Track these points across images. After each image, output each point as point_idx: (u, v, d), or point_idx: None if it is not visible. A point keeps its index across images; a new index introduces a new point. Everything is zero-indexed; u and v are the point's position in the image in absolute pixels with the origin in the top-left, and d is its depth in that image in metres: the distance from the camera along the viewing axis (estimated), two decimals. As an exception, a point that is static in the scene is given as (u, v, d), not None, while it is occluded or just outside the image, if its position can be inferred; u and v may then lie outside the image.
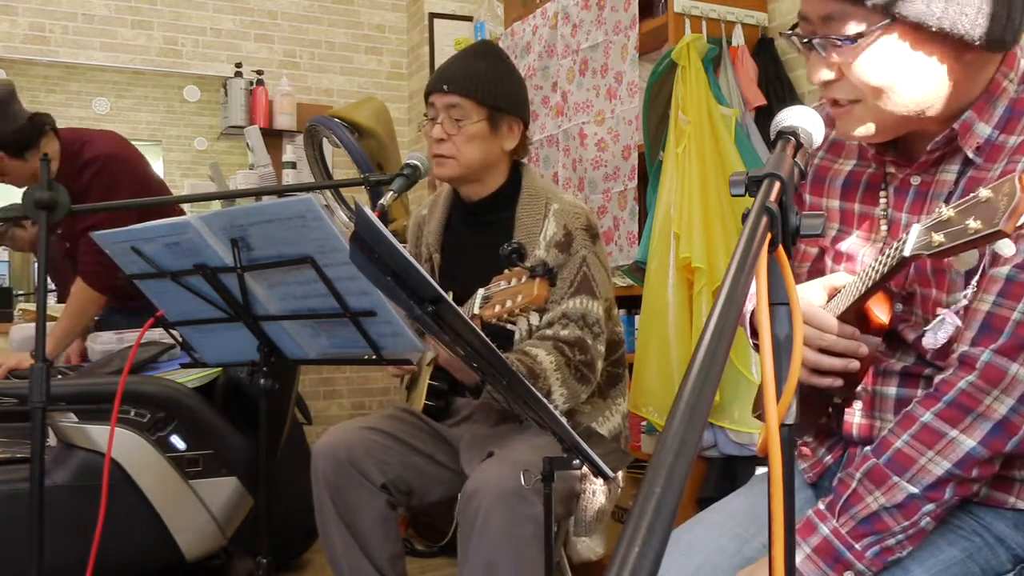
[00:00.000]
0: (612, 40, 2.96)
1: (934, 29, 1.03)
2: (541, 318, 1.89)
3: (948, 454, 1.04)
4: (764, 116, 2.69)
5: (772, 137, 0.95)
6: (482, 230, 2.06)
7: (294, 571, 3.12)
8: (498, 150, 2.01)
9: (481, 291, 1.64)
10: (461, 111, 1.96)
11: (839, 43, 1.07)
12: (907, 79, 1.07)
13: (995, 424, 1.03)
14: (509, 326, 1.60)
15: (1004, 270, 1.04)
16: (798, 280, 1.34)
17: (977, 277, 1.06)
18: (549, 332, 1.89)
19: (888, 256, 0.98)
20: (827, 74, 1.11)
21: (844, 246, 1.24)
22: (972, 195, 0.85)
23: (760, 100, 2.69)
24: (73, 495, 2.42)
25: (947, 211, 0.87)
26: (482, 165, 2.00)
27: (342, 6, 4.58)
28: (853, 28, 1.06)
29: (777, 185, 0.78)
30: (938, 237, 0.87)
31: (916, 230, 0.92)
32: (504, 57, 2.10)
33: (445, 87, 1.96)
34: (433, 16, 4.49)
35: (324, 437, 1.96)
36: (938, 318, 1.07)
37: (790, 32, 1.14)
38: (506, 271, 1.60)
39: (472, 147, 1.97)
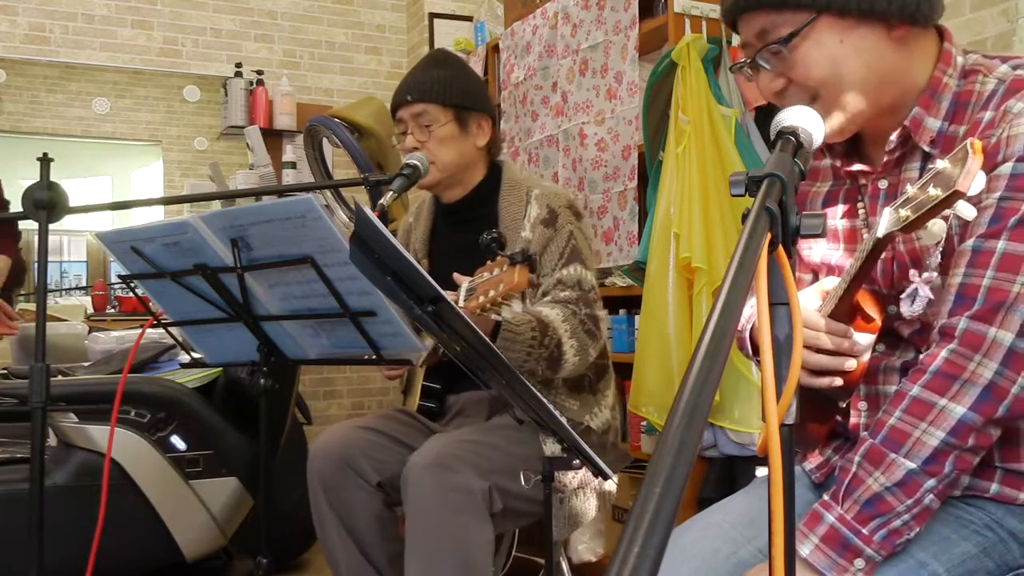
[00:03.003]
0: (612, 40, 2.96)
1: (856, 13, 1.12)
2: (524, 305, 1.90)
3: (941, 423, 1.05)
4: (764, 116, 2.69)
5: (772, 137, 0.95)
6: (466, 228, 2.07)
7: (294, 571, 3.12)
8: (472, 148, 2.04)
9: (465, 284, 1.65)
10: (429, 117, 1.99)
11: (776, 48, 1.15)
12: (846, 64, 1.14)
13: (983, 389, 1.05)
14: (494, 316, 1.61)
15: (970, 242, 1.09)
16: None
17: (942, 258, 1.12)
18: (547, 299, 1.91)
19: (866, 243, 1.02)
20: (777, 83, 1.19)
21: (835, 260, 1.29)
22: (931, 168, 0.92)
23: (760, 100, 2.69)
24: (73, 495, 2.42)
25: (912, 189, 0.94)
26: (459, 166, 2.03)
27: (342, 6, 4.58)
28: (784, 31, 1.14)
29: (777, 185, 0.78)
30: (904, 212, 0.94)
31: (886, 213, 0.98)
32: (459, 61, 2.15)
33: (409, 97, 2.00)
34: (433, 16, 4.50)
35: (319, 438, 1.97)
36: (911, 287, 1.12)
37: (739, 65, 1.23)
38: (488, 262, 1.61)
39: (446, 149, 2.00)
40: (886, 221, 0.97)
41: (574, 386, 2.00)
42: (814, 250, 1.33)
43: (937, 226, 0.94)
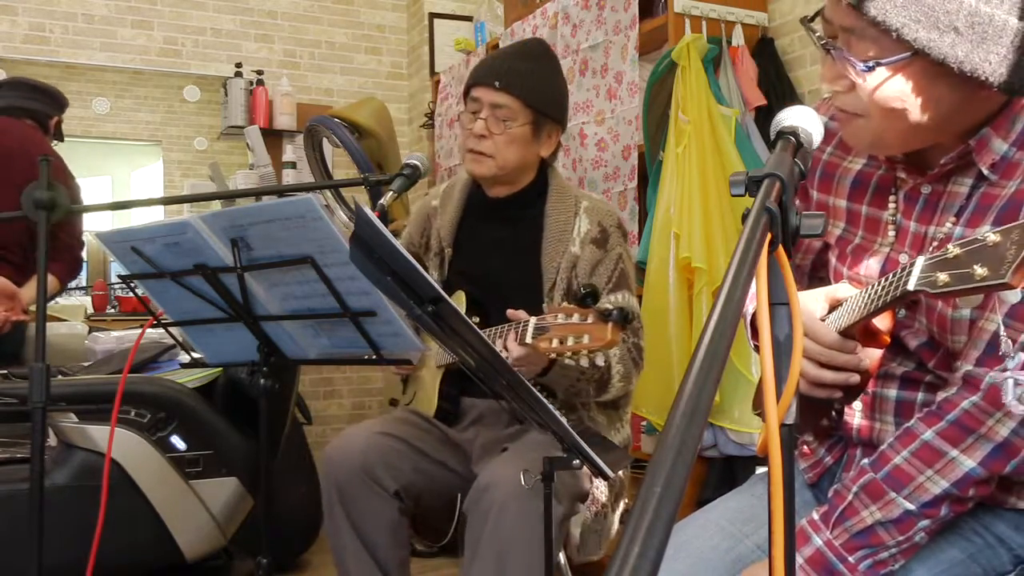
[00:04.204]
0: (612, 40, 2.96)
1: (955, 70, 1.01)
2: (604, 361, 1.83)
3: (947, 474, 1.04)
4: (764, 116, 2.69)
5: (772, 137, 0.95)
6: (507, 226, 2.03)
7: (294, 571, 3.12)
8: (535, 155, 1.99)
9: (533, 320, 1.61)
10: (508, 111, 1.92)
11: (855, 66, 1.05)
12: (918, 108, 1.05)
13: (996, 446, 1.03)
14: (568, 361, 1.58)
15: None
16: (800, 274, 1.34)
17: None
18: None
19: (891, 284, 0.96)
20: (840, 84, 1.09)
21: (849, 247, 1.24)
22: (980, 238, 0.84)
23: (760, 100, 2.69)
24: (73, 495, 2.42)
25: (954, 248, 0.86)
26: (518, 168, 1.98)
27: (342, 6, 4.58)
28: (872, 51, 1.04)
29: (777, 185, 0.78)
30: (943, 277, 0.86)
31: (920, 264, 0.90)
32: (555, 60, 2.06)
33: (496, 84, 1.92)
34: (433, 16, 4.50)
35: (338, 442, 1.92)
36: (1007, 381, 1.01)
37: (810, 22, 1.11)
38: (563, 304, 1.58)
39: (512, 149, 1.94)
40: (920, 276, 0.89)
41: (603, 402, 2.00)
42: (831, 228, 1.27)
43: (977, 298, 0.90)
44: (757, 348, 1.36)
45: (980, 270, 0.82)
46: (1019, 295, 0.85)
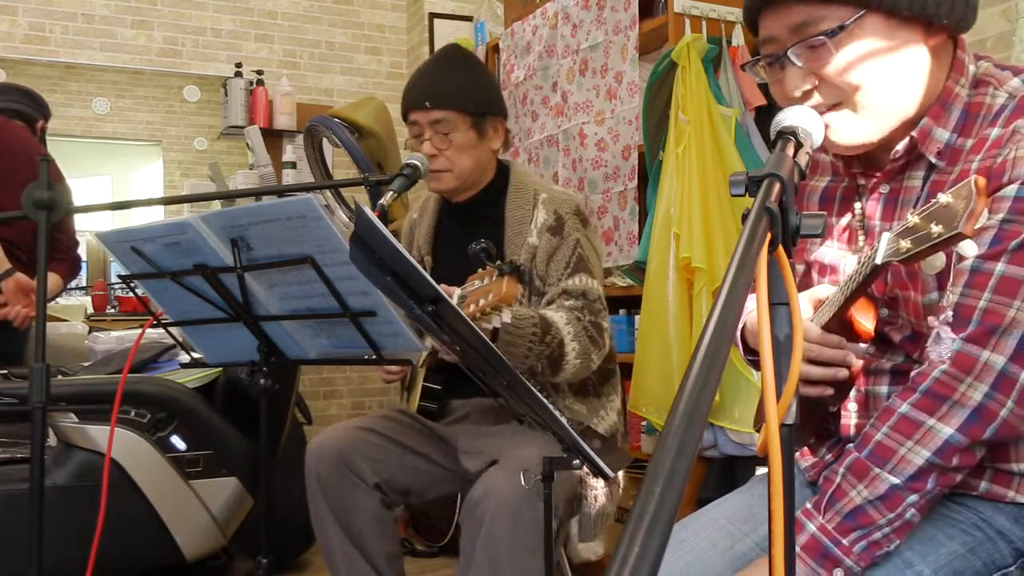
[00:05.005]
0: (612, 40, 2.96)
1: (906, 13, 1.08)
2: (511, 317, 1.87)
3: (927, 443, 1.06)
4: (764, 116, 2.69)
5: (772, 137, 0.95)
6: (473, 228, 2.06)
7: (294, 571, 3.12)
8: (488, 152, 2.03)
9: (458, 291, 1.65)
10: (448, 124, 1.95)
11: (819, 41, 1.10)
12: (887, 69, 1.11)
13: (971, 411, 1.05)
14: (484, 324, 1.61)
15: (969, 262, 1.08)
16: None
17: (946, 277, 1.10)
18: (552, 306, 1.90)
19: (862, 265, 1.01)
20: (806, 83, 1.14)
21: (827, 258, 1.28)
22: (934, 201, 0.89)
23: (760, 100, 2.69)
24: (73, 495, 2.42)
25: (913, 218, 0.91)
26: (476, 171, 2.01)
27: (342, 6, 4.58)
28: (830, 25, 1.09)
29: (777, 185, 0.78)
30: (905, 243, 0.91)
31: (886, 238, 0.95)
32: (473, 59, 2.10)
33: (427, 104, 1.96)
34: (433, 16, 4.50)
35: (317, 437, 1.97)
36: (933, 332, 1.09)
37: (753, 61, 1.18)
38: (479, 270, 1.62)
39: (465, 156, 1.98)
40: (885, 248, 0.94)
41: (580, 390, 1.99)
42: (809, 246, 1.32)
43: (939, 260, 0.93)
44: (750, 361, 1.38)
45: (936, 228, 0.87)
46: (973, 248, 0.90)
